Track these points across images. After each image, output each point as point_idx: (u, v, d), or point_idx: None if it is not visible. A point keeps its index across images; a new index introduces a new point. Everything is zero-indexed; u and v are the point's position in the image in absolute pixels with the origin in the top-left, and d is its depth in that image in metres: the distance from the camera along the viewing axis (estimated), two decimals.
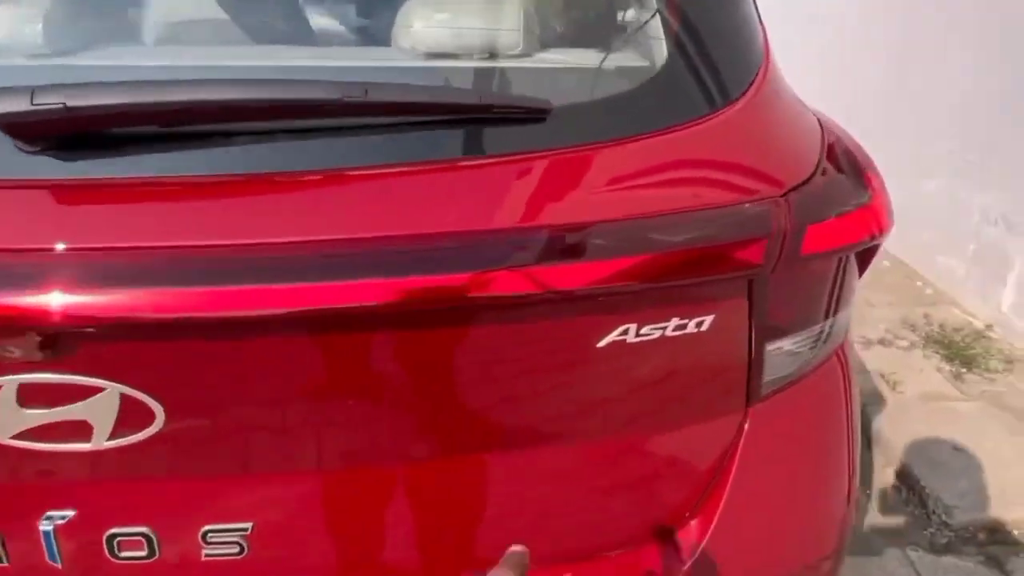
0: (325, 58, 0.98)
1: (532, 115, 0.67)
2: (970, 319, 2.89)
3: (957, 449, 2.12)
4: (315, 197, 0.65)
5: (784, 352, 0.79)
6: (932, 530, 1.90)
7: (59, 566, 0.72)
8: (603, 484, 0.80)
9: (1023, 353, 2.64)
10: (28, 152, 0.61)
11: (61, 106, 0.57)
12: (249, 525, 0.72)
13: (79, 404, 0.63)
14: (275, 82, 0.63)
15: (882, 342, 2.72)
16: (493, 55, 0.90)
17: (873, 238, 0.75)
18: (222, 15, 1.09)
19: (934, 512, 1.93)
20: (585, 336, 0.67)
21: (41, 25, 0.84)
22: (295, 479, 0.74)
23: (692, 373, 0.76)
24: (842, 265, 0.79)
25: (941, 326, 2.83)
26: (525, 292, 0.62)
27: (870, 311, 2.95)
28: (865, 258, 0.85)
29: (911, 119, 3.27)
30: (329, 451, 0.73)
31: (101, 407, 0.63)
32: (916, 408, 2.33)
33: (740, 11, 0.81)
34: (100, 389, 0.62)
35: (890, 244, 3.41)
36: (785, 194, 0.70)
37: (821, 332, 0.82)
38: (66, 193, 0.62)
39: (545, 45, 0.98)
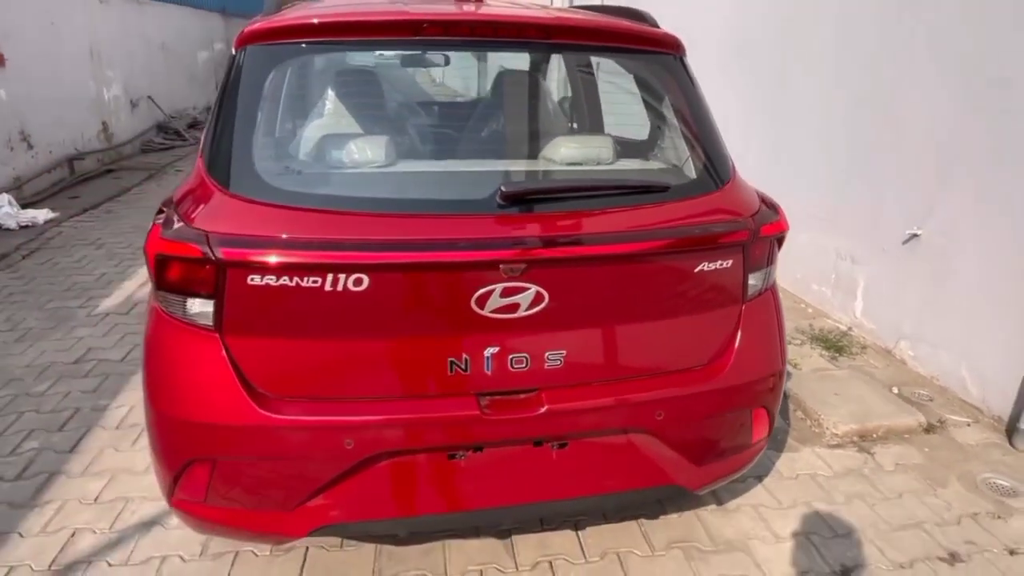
0: (513, 166, 2.07)
1: (663, 188, 1.83)
2: (838, 324, 4.23)
3: (837, 394, 3.36)
4: (581, 218, 1.75)
5: (754, 280, 1.95)
6: (827, 438, 3.10)
7: (489, 373, 1.74)
8: (687, 334, 1.91)
9: (871, 342, 3.98)
10: (501, 204, 1.68)
11: (524, 189, 1.67)
12: (565, 351, 1.77)
13: (519, 295, 1.68)
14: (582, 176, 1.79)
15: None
16: (600, 163, 2.07)
17: (782, 232, 1.94)
18: (456, 146, 2.24)
19: (826, 428, 3.13)
20: (692, 265, 1.80)
21: (383, 151, 1.92)
22: (583, 331, 1.80)
23: (725, 285, 1.90)
24: (772, 243, 1.97)
25: (820, 330, 4.14)
26: (665, 250, 1.76)
27: None
28: (780, 243, 2.03)
29: (784, 189, 4.69)
30: (592, 317, 1.80)
31: (527, 296, 1.68)
32: (810, 377, 3.57)
33: (721, 143, 2.01)
34: (527, 288, 1.67)
35: (782, 281, 4.78)
36: (752, 215, 1.88)
37: (766, 272, 1.99)
38: (514, 218, 1.69)
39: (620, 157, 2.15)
